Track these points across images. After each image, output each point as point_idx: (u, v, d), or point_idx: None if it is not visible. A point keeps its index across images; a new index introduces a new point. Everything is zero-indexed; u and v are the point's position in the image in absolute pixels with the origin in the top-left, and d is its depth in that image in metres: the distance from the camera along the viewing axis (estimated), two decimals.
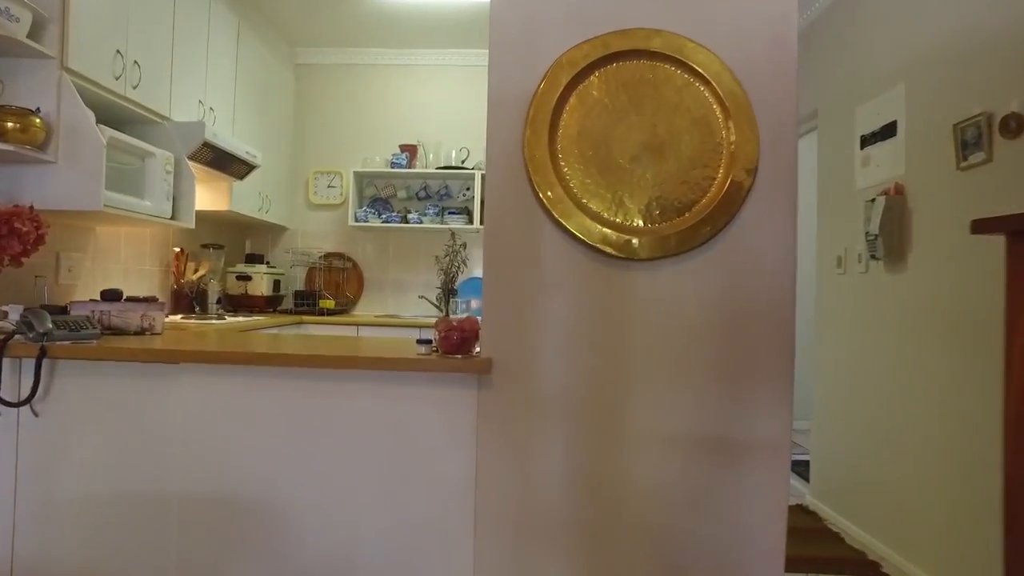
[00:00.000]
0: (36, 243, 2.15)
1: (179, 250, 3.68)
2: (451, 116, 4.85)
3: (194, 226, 3.09)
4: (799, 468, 4.07)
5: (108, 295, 2.38)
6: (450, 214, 4.65)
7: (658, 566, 1.83)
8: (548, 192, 1.84)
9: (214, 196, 3.72)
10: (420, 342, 2.00)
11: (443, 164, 4.75)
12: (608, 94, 1.85)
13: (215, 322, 3.32)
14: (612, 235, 1.83)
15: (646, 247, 1.82)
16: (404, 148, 4.76)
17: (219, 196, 3.73)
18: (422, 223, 4.64)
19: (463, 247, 2.50)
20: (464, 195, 4.79)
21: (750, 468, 1.82)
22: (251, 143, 3.89)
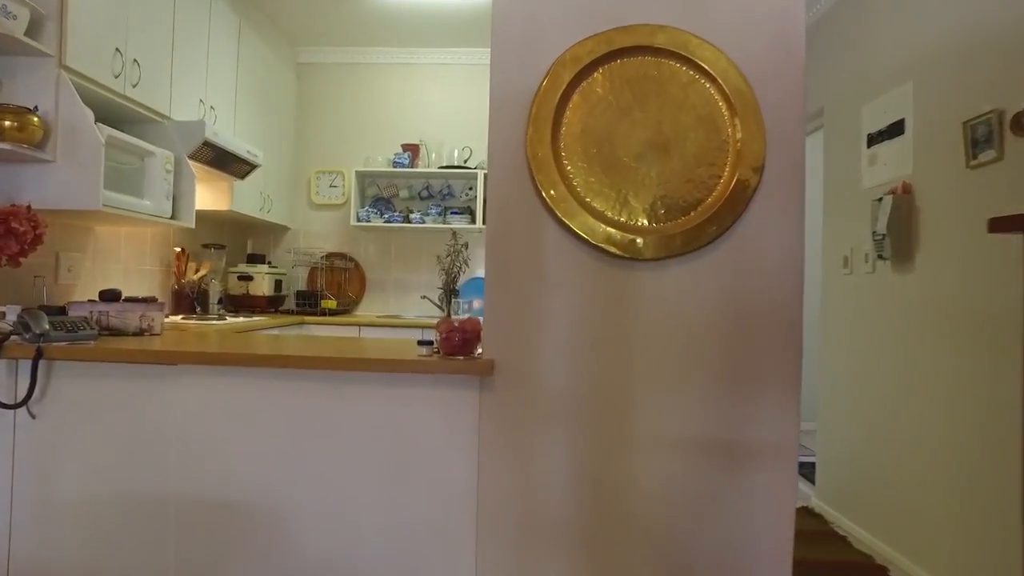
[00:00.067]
0: (34, 243, 2.13)
1: (180, 250, 3.66)
2: (453, 115, 4.82)
3: (194, 226, 3.07)
4: (805, 470, 4.03)
5: (106, 295, 2.36)
6: (452, 214, 4.63)
7: (662, 570, 1.81)
8: (551, 191, 1.81)
9: (215, 196, 3.70)
10: (421, 343, 1.97)
11: (445, 163, 4.72)
12: (612, 91, 1.82)
13: (216, 322, 3.30)
14: (616, 234, 1.80)
15: (651, 247, 1.79)
16: (406, 147, 4.74)
17: (220, 196, 3.71)
18: (424, 223, 4.62)
19: (465, 247, 2.46)
20: (466, 195, 4.76)
21: (756, 471, 1.79)
22: (252, 142, 3.87)
